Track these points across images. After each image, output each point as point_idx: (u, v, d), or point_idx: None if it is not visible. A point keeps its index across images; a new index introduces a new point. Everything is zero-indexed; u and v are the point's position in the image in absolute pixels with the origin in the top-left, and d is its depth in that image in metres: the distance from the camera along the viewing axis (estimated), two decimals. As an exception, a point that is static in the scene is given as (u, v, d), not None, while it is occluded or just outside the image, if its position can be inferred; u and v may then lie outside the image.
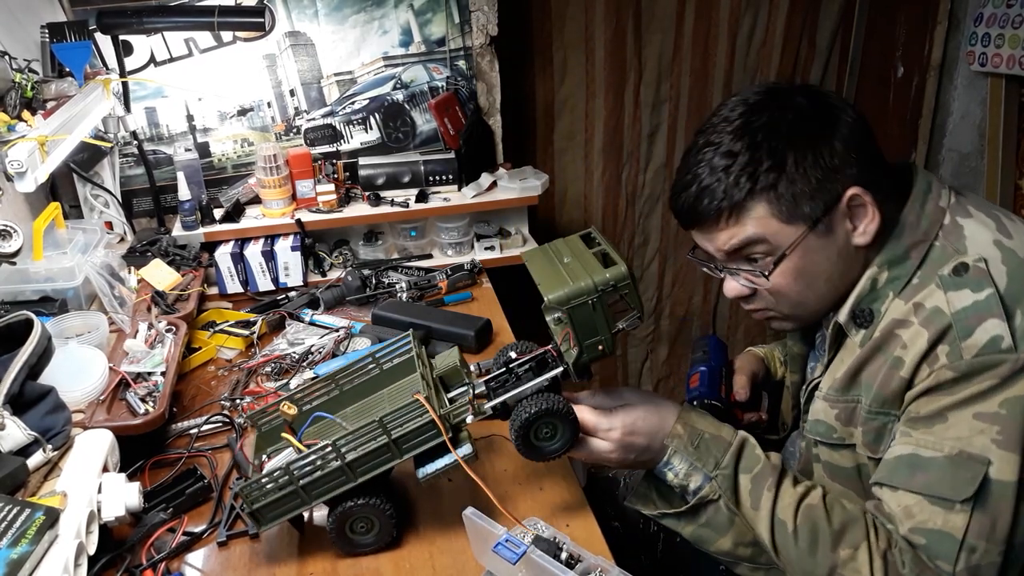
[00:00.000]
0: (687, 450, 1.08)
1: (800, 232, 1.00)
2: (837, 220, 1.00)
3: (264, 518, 1.06)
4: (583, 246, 1.11)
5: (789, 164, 0.97)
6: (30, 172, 1.26)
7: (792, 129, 0.98)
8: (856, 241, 1.01)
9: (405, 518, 1.14)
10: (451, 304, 1.82)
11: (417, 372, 1.13)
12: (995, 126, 2.28)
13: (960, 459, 0.92)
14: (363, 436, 1.04)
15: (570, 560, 0.97)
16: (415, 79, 2.10)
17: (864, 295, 1.03)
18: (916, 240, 1.01)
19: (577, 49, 2.35)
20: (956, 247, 0.99)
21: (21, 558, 0.89)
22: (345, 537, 1.08)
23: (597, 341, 1.05)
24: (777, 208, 0.99)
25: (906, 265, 1.01)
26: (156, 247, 1.84)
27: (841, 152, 0.98)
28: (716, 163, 1.00)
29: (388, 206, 2.02)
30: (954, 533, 0.91)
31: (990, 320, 0.92)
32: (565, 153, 2.48)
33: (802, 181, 0.98)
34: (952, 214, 1.02)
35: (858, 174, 0.99)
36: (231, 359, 1.63)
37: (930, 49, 2.42)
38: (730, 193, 0.99)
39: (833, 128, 0.99)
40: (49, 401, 1.11)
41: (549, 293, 1.02)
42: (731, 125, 1.00)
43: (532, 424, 1.05)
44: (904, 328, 0.99)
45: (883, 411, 1.01)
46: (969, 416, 0.92)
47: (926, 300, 0.98)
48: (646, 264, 2.69)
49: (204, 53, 1.96)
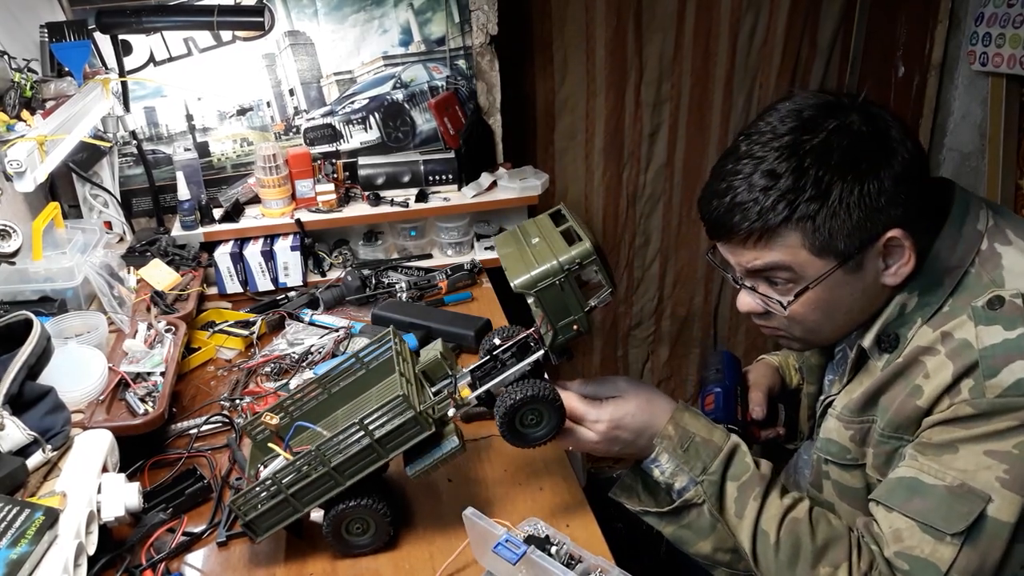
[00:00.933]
0: (675, 452, 1.07)
1: (829, 267, 0.95)
2: (870, 258, 0.96)
3: (259, 528, 1.06)
4: (551, 224, 1.07)
5: (833, 197, 0.91)
6: (29, 172, 1.26)
7: (844, 158, 0.91)
8: (885, 281, 0.98)
9: (402, 518, 1.14)
10: (451, 304, 1.82)
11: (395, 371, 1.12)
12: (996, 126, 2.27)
13: (960, 491, 0.90)
14: (345, 439, 1.04)
15: (570, 560, 0.96)
16: (415, 78, 2.10)
17: (891, 320, 1.00)
18: (951, 267, 0.97)
19: (577, 49, 2.35)
20: (993, 277, 0.95)
21: (21, 558, 0.89)
22: (341, 538, 1.08)
23: (571, 322, 1.02)
24: (811, 240, 0.94)
25: (938, 292, 0.97)
26: (155, 247, 1.84)
27: (890, 190, 0.92)
28: (756, 181, 0.93)
29: (388, 206, 2.02)
30: (939, 564, 0.90)
31: (1018, 361, 0.89)
32: (565, 153, 2.48)
33: (843, 216, 0.92)
34: (990, 239, 0.97)
35: (903, 215, 0.93)
36: (231, 359, 1.62)
37: (931, 49, 2.42)
38: (765, 216, 0.93)
39: (887, 162, 0.92)
40: (48, 401, 1.11)
41: (514, 278, 0.99)
42: (779, 140, 0.94)
43: (517, 410, 1.03)
44: (929, 355, 0.96)
45: (896, 436, 0.99)
46: (980, 451, 0.90)
47: (955, 331, 0.94)
48: (647, 265, 2.69)
49: (203, 53, 1.96)
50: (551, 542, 0.99)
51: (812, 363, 1.25)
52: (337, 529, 1.07)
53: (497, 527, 0.97)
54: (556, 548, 0.98)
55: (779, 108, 0.97)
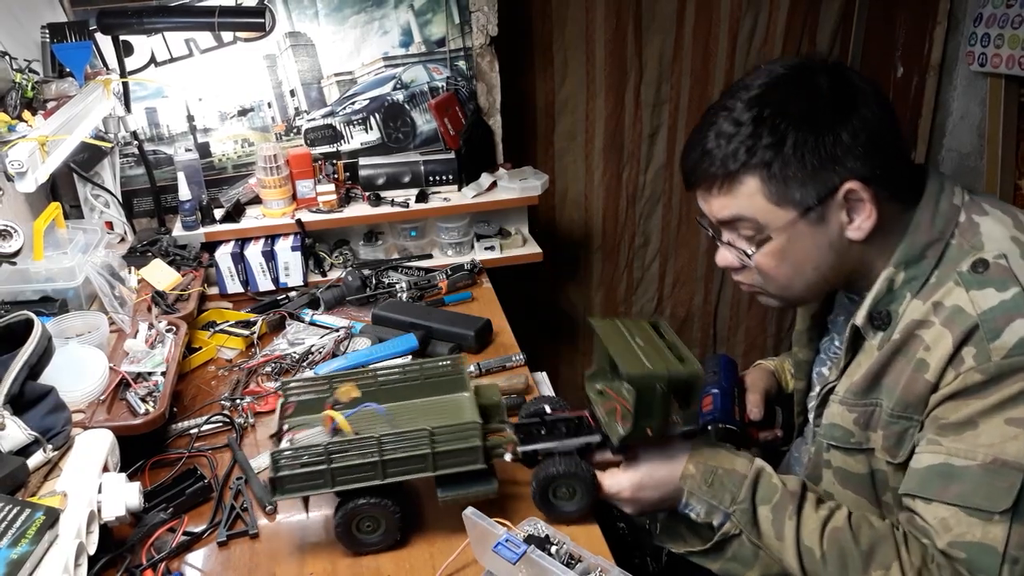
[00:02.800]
0: (701, 489, 1.07)
1: (789, 217, 0.98)
2: (832, 211, 0.98)
3: (282, 487, 1.05)
4: (654, 333, 1.13)
5: (788, 145, 0.95)
6: (30, 172, 1.26)
7: (802, 110, 0.95)
8: (850, 235, 0.99)
9: (411, 520, 1.14)
10: (451, 304, 1.82)
11: (466, 395, 1.19)
12: (995, 126, 2.28)
13: (995, 467, 0.89)
14: (408, 440, 1.05)
15: (570, 560, 0.97)
16: (415, 79, 2.10)
17: (881, 297, 1.01)
18: (932, 239, 0.99)
19: (577, 49, 2.35)
20: (973, 243, 0.97)
21: (21, 558, 0.89)
22: (351, 535, 1.08)
23: (648, 424, 1.05)
24: (768, 188, 0.97)
25: (922, 265, 0.99)
26: (156, 247, 1.84)
27: (847, 143, 0.94)
28: (723, 129, 0.99)
29: (388, 206, 2.03)
30: (995, 545, 0.88)
31: (1019, 320, 0.89)
32: (565, 153, 2.49)
33: (797, 165, 0.95)
34: (967, 212, 1.00)
35: (861, 168, 0.95)
36: (231, 359, 1.63)
37: (930, 49, 2.42)
38: (725, 162, 0.98)
39: (845, 117, 0.95)
40: (49, 401, 1.11)
41: (628, 368, 1.02)
42: (748, 93, 0.98)
43: (555, 480, 1.08)
44: (925, 328, 0.96)
45: (905, 415, 0.98)
46: (1001, 422, 0.89)
47: (945, 299, 0.95)
48: (647, 265, 2.69)
49: (204, 53, 1.96)
50: (551, 542, 0.99)
51: (800, 359, 1.25)
52: (348, 525, 1.07)
53: (497, 527, 0.98)
54: (556, 548, 0.98)
55: (760, 69, 1.02)
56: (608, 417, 1.13)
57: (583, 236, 2.58)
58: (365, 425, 1.15)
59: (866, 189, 0.96)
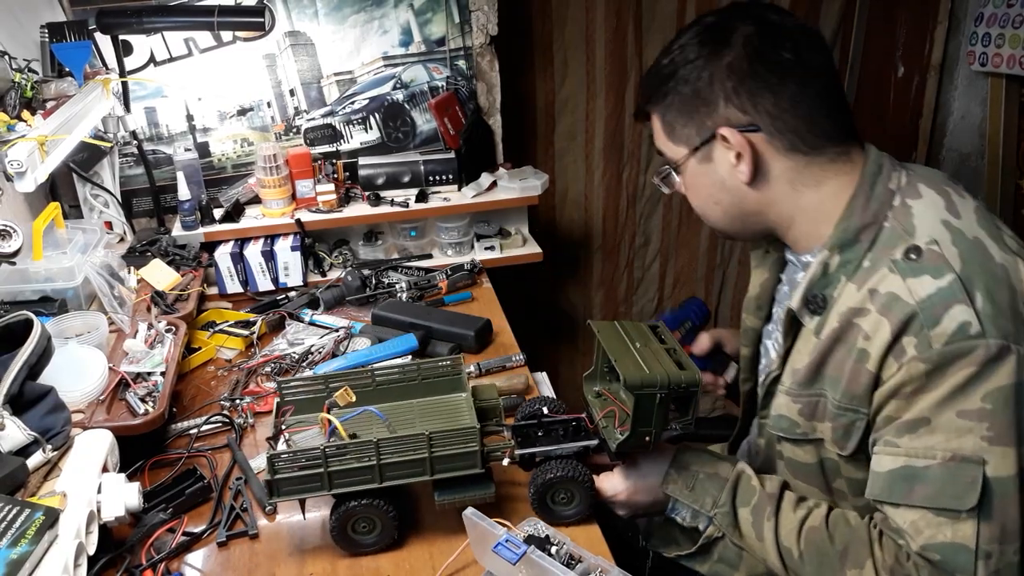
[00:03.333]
0: (684, 494, 1.09)
1: (683, 153, 1.07)
2: (718, 152, 1.04)
3: (279, 490, 1.05)
4: (654, 338, 1.12)
5: (673, 82, 1.03)
6: (30, 172, 1.26)
7: (695, 52, 1.01)
8: (739, 176, 1.03)
9: (408, 520, 1.14)
10: (451, 304, 1.82)
11: (463, 396, 1.19)
12: (995, 126, 2.28)
13: (954, 464, 0.90)
14: (405, 444, 1.05)
15: (570, 560, 0.96)
16: (415, 79, 2.10)
17: (816, 280, 1.02)
18: (866, 222, 1.00)
19: (578, 49, 2.35)
20: (905, 228, 0.97)
21: (21, 558, 0.89)
22: (346, 536, 1.08)
23: (647, 431, 1.05)
24: (663, 123, 1.08)
25: (856, 248, 0.99)
26: (156, 247, 1.84)
27: (723, 89, 0.99)
28: (653, 64, 1.08)
29: (388, 206, 2.02)
30: (967, 543, 0.89)
31: (956, 306, 0.90)
32: (566, 153, 2.48)
33: (679, 104, 1.04)
34: (902, 196, 1.00)
35: (736, 118, 1.00)
36: (231, 359, 1.62)
37: (930, 49, 2.42)
38: (642, 96, 1.10)
39: (724, 63, 0.99)
40: (49, 401, 1.11)
41: (628, 374, 1.02)
42: (683, 35, 1.05)
43: (554, 485, 1.08)
44: (862, 317, 0.97)
45: (852, 407, 0.99)
46: (953, 416, 0.90)
47: (879, 285, 0.96)
48: (647, 265, 2.69)
49: (204, 53, 1.96)
50: (551, 542, 0.99)
51: (747, 326, 1.26)
52: (344, 526, 1.07)
53: (497, 527, 0.97)
54: (556, 548, 0.98)
55: None
56: (606, 421, 1.13)
57: (583, 236, 2.58)
58: (362, 428, 1.15)
59: (736, 136, 1.00)
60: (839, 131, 1.03)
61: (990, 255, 0.95)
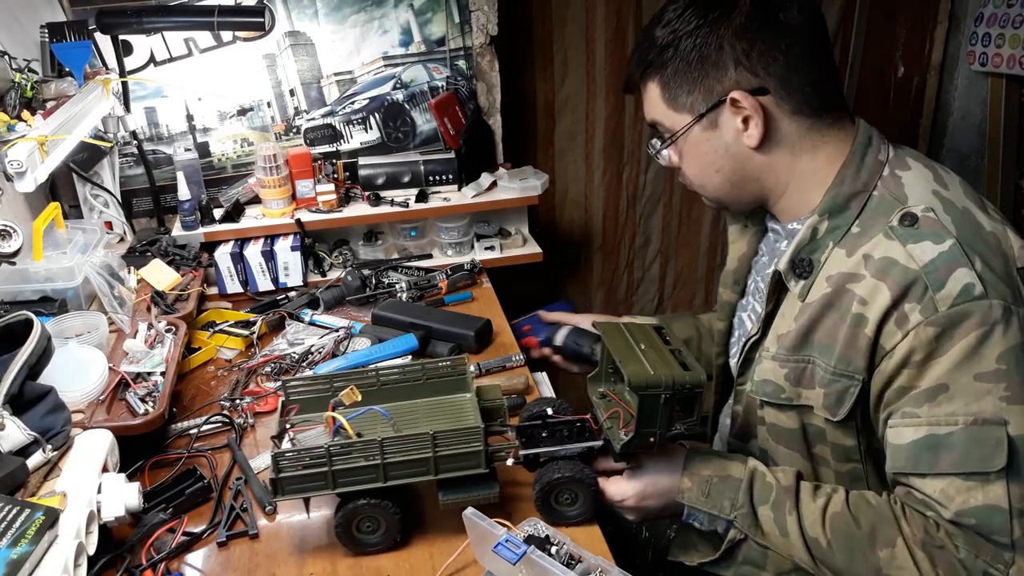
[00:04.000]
0: (700, 501, 1.07)
1: (685, 121, 1.05)
2: (724, 118, 1.03)
3: (283, 489, 1.05)
4: (658, 339, 1.12)
5: (678, 51, 1.01)
6: (30, 172, 1.26)
7: (698, 17, 1.00)
8: (745, 142, 1.03)
9: (412, 521, 1.14)
10: (451, 304, 1.82)
11: (468, 396, 1.19)
12: (995, 126, 2.28)
13: (977, 428, 0.90)
14: (409, 444, 1.05)
15: (570, 560, 0.96)
16: (415, 79, 2.10)
17: (804, 244, 1.03)
18: (856, 190, 1.01)
19: (578, 49, 2.35)
20: (896, 195, 0.99)
21: (21, 558, 0.89)
22: (351, 535, 1.08)
23: (651, 432, 1.05)
24: (664, 93, 1.05)
25: (845, 214, 1.01)
26: (156, 247, 1.84)
27: (733, 52, 0.98)
28: (646, 32, 1.06)
29: (388, 206, 2.02)
30: (999, 503, 0.89)
31: (959, 269, 0.91)
32: (566, 153, 2.48)
33: (684, 72, 1.02)
34: (891, 167, 1.02)
35: (747, 80, 0.99)
36: (231, 359, 1.62)
37: (930, 49, 2.42)
38: (637, 67, 1.07)
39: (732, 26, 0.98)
40: (49, 401, 1.11)
41: (632, 375, 1.01)
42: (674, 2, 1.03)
43: (558, 486, 1.08)
44: (855, 282, 0.97)
45: (847, 373, 0.99)
46: (970, 379, 0.90)
47: (874, 251, 0.96)
48: (647, 265, 2.69)
49: (204, 53, 1.96)
50: (551, 542, 0.99)
51: (724, 300, 1.28)
52: (348, 525, 1.07)
53: (497, 527, 0.97)
54: (556, 548, 0.98)
55: None
56: (610, 421, 1.12)
57: (583, 236, 2.58)
58: (367, 427, 1.15)
59: (748, 98, 0.99)
60: (837, 95, 1.05)
61: (980, 223, 0.97)
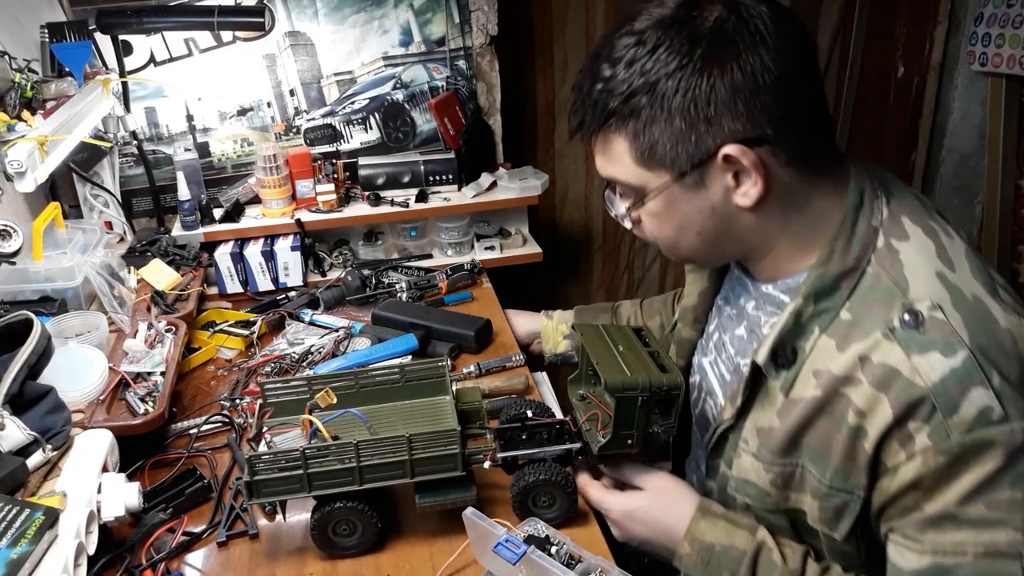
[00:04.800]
0: (697, 569, 0.99)
1: (661, 181, 0.88)
2: (712, 175, 0.86)
3: (258, 492, 1.05)
4: (637, 341, 1.11)
5: (654, 100, 0.83)
6: (30, 172, 1.26)
7: (674, 56, 0.82)
8: (737, 202, 0.87)
9: (391, 523, 1.14)
10: (451, 304, 1.82)
11: (447, 399, 1.18)
12: (995, 126, 2.28)
13: (988, 560, 0.80)
14: (385, 447, 1.04)
15: (570, 560, 0.96)
16: (415, 79, 2.10)
17: (787, 331, 0.90)
18: (846, 268, 0.88)
19: (577, 49, 2.35)
20: (895, 279, 0.86)
21: (21, 558, 0.89)
22: (327, 538, 1.08)
23: (628, 435, 1.04)
24: (635, 147, 0.87)
25: (834, 297, 0.88)
26: (156, 247, 1.84)
27: (724, 98, 0.81)
28: (598, 73, 0.86)
29: (388, 206, 2.02)
30: None
31: (974, 390, 0.78)
32: (565, 153, 2.48)
33: (664, 123, 0.83)
34: (886, 235, 0.88)
35: (744, 129, 0.83)
36: (231, 359, 1.62)
37: (930, 49, 2.42)
38: (594, 114, 0.88)
39: (724, 65, 0.81)
40: (49, 401, 1.11)
41: (609, 376, 1.00)
42: (632, 36, 0.85)
43: (535, 488, 1.08)
44: (851, 387, 0.85)
45: (846, 489, 0.88)
46: (982, 508, 0.79)
47: (873, 353, 0.83)
48: (647, 266, 2.69)
49: (204, 53, 1.96)
50: (551, 542, 0.99)
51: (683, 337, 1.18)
52: (324, 528, 1.07)
53: (497, 527, 0.97)
54: (556, 548, 0.98)
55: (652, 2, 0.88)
56: (589, 424, 1.12)
57: (583, 236, 2.58)
58: (345, 430, 1.14)
59: (747, 153, 0.83)
60: (828, 135, 0.92)
61: (994, 319, 0.84)
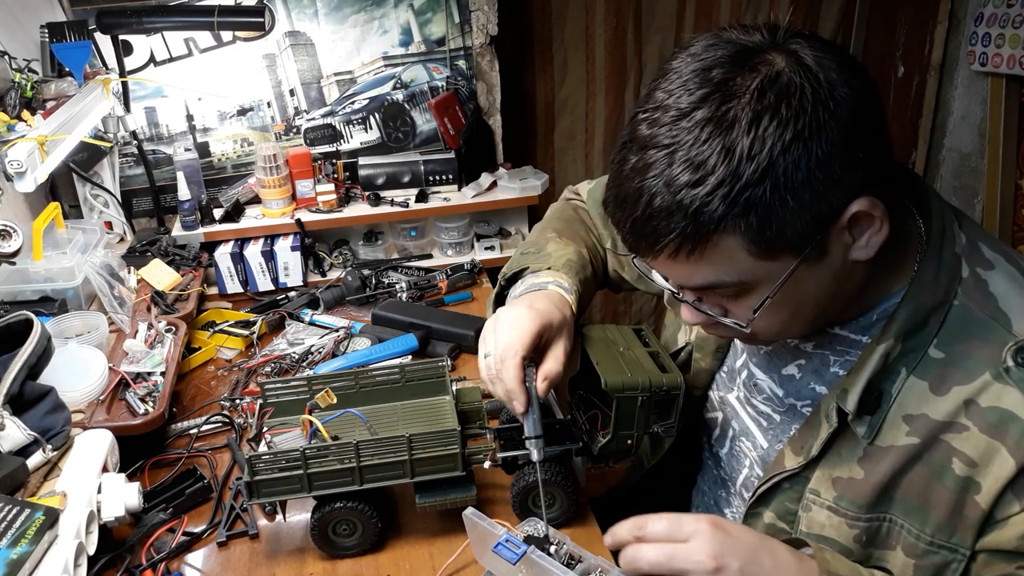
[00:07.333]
0: None
1: (786, 267, 0.75)
2: (833, 239, 0.75)
3: (258, 492, 1.05)
4: (638, 341, 1.11)
5: (774, 182, 0.69)
6: (30, 172, 1.26)
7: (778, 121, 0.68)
8: (855, 256, 0.78)
9: (391, 523, 1.13)
10: (451, 304, 1.82)
11: (447, 399, 1.18)
12: (995, 126, 2.28)
13: None
14: (385, 447, 1.04)
15: (570, 560, 0.96)
16: (415, 79, 2.10)
17: (875, 374, 0.82)
18: (937, 302, 0.80)
19: (577, 49, 2.35)
20: (990, 313, 0.79)
21: (21, 558, 0.89)
22: (327, 538, 1.08)
23: (628, 435, 1.04)
24: (756, 240, 0.72)
25: (922, 335, 0.80)
26: (156, 247, 1.84)
27: (843, 152, 0.70)
28: (675, 176, 0.71)
29: (388, 206, 2.02)
30: None
31: None
32: (565, 153, 2.48)
33: (792, 202, 0.70)
34: (970, 264, 0.81)
35: (864, 178, 0.73)
36: (231, 359, 1.62)
37: (930, 49, 2.42)
38: (695, 222, 0.71)
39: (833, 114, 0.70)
40: (49, 401, 1.11)
41: (609, 377, 1.00)
42: (689, 119, 0.71)
43: (535, 488, 1.07)
44: (955, 434, 0.78)
45: (950, 546, 0.80)
46: None
47: (980, 397, 0.76)
48: (646, 264, 2.69)
49: (204, 53, 1.96)
50: (551, 542, 0.98)
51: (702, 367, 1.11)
52: (324, 528, 1.07)
53: (497, 527, 0.97)
54: (556, 548, 0.98)
55: (679, 69, 0.75)
56: (589, 424, 1.12)
57: (583, 236, 2.58)
58: (345, 430, 1.14)
59: (875, 205, 0.74)
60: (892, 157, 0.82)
61: None
